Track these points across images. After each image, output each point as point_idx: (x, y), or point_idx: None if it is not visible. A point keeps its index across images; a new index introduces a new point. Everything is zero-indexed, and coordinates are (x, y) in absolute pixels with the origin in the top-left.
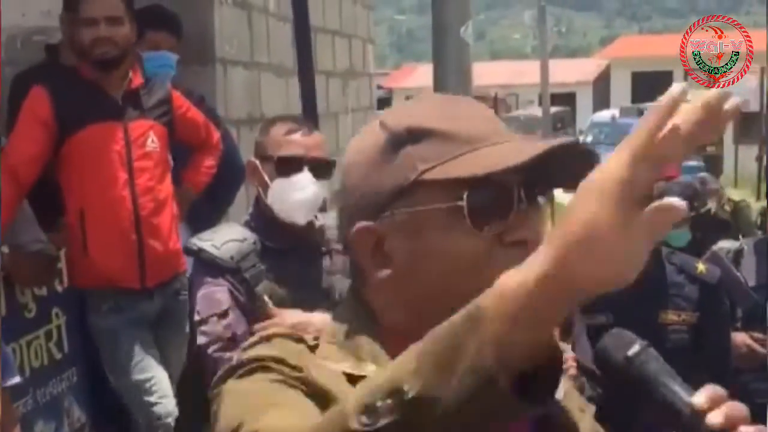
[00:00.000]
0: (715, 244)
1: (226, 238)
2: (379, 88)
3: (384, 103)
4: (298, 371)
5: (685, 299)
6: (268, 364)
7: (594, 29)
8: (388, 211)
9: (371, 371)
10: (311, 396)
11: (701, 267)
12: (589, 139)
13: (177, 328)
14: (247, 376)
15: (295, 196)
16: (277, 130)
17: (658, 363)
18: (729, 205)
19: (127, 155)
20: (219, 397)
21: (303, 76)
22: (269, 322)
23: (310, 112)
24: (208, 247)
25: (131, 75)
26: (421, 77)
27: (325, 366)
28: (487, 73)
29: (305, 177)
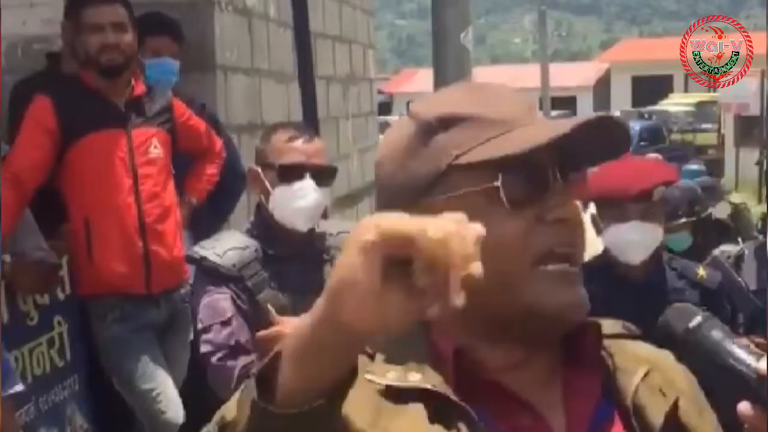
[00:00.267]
0: (716, 248)
1: (228, 246)
2: (380, 93)
3: (385, 109)
4: None
5: None
6: None
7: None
8: (424, 200)
9: (417, 379)
10: None
11: (702, 272)
12: None
13: (181, 336)
14: None
15: (297, 203)
16: (279, 137)
17: (722, 331)
18: (730, 208)
19: (131, 162)
20: None
21: (303, 82)
22: (272, 329)
23: (310, 117)
24: (210, 256)
25: (134, 83)
26: (422, 82)
27: (366, 385)
28: (488, 78)
29: (307, 184)
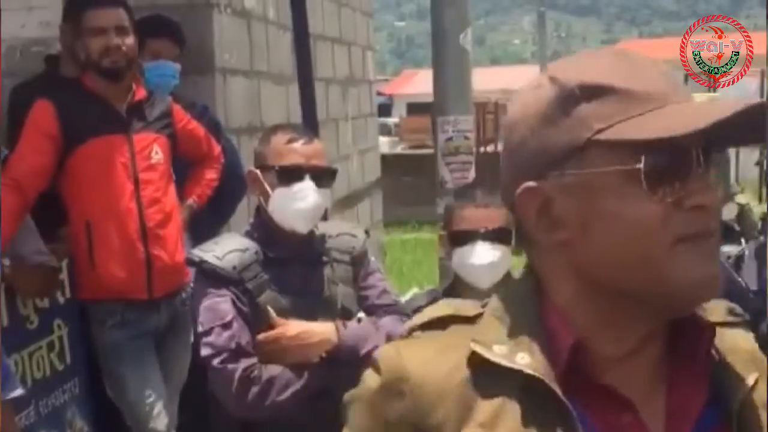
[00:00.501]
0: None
1: (227, 248)
2: (380, 94)
3: (384, 110)
4: None
5: None
6: None
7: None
8: (556, 171)
9: (524, 362)
10: None
11: None
12: None
13: (182, 339)
14: None
15: (296, 205)
16: (278, 139)
17: None
18: (736, 209)
19: (133, 167)
20: None
21: (303, 83)
22: (273, 332)
23: (310, 119)
24: (210, 258)
25: (135, 88)
26: (422, 83)
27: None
28: (487, 79)
29: (306, 186)
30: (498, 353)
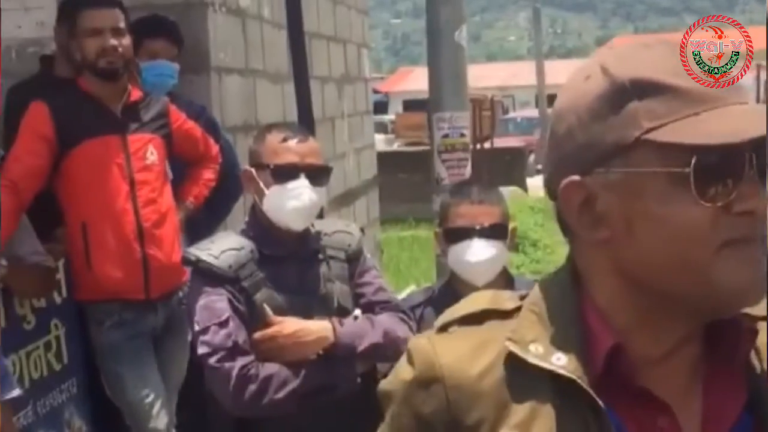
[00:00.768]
0: None
1: (223, 247)
2: (376, 92)
3: (381, 108)
4: None
5: None
6: None
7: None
8: (602, 168)
9: (560, 364)
10: None
11: None
12: None
13: (179, 339)
14: None
15: (291, 203)
16: (273, 138)
17: None
18: None
19: (128, 168)
20: None
21: (298, 82)
22: (269, 330)
23: (306, 118)
24: (205, 257)
25: (130, 89)
26: (418, 81)
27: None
28: (483, 76)
29: (301, 184)
30: (534, 353)
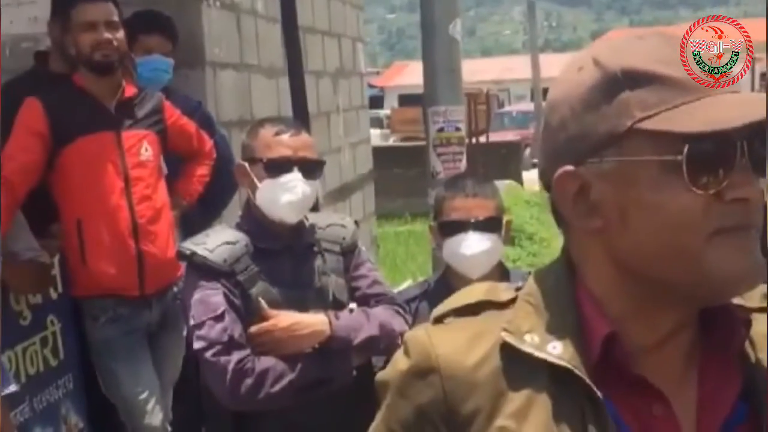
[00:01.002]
0: None
1: (218, 241)
2: (371, 86)
3: (376, 102)
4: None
5: None
6: None
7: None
8: (596, 158)
9: (555, 353)
10: None
11: None
12: None
13: (175, 334)
14: None
15: (285, 196)
16: (266, 132)
17: None
18: None
19: (122, 165)
20: None
21: (293, 76)
22: (265, 324)
23: (300, 112)
24: (200, 251)
25: (124, 85)
26: (413, 75)
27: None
28: (478, 70)
29: (294, 177)
30: (529, 343)
